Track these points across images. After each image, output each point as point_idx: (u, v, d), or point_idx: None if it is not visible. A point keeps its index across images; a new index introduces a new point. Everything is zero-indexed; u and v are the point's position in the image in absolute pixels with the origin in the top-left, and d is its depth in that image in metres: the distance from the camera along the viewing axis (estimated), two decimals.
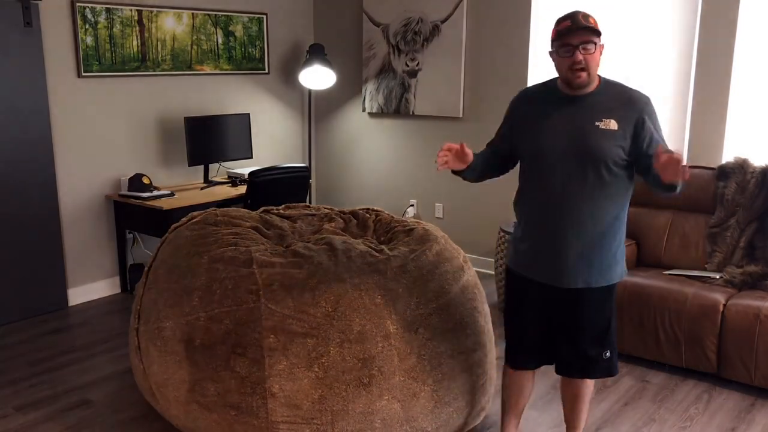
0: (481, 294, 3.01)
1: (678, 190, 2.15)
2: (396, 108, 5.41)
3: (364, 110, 5.63)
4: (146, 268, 3.04)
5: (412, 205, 5.54)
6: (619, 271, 2.39)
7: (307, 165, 5.24)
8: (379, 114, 5.59)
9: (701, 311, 3.34)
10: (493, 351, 2.97)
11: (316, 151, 6.10)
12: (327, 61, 5.41)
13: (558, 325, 2.46)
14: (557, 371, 2.53)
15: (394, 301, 2.63)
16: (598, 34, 2.21)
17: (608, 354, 2.45)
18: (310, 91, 5.74)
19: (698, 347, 3.37)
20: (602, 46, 2.27)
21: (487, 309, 3.00)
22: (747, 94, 3.96)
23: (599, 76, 2.32)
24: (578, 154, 2.26)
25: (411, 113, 5.34)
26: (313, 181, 6.10)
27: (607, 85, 2.33)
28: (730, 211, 3.72)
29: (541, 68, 4.71)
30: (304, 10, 5.82)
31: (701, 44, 4.02)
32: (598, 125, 2.25)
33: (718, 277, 3.59)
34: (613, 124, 2.24)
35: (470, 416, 2.85)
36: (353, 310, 2.57)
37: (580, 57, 2.20)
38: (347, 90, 5.77)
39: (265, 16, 5.46)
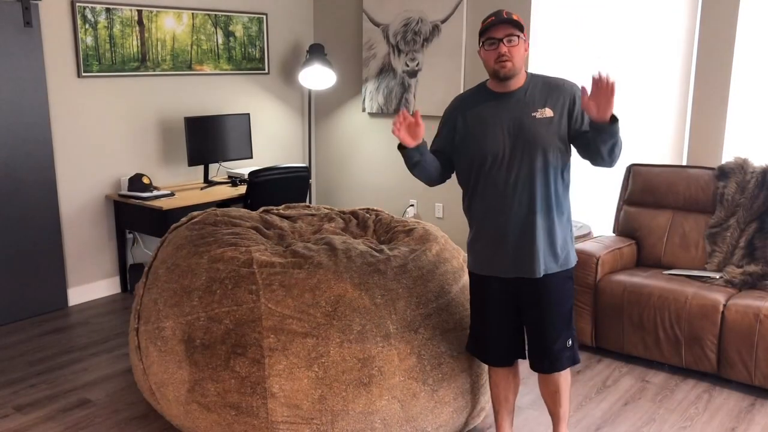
0: None
1: (615, 132, 2.23)
2: (396, 108, 5.41)
3: (364, 110, 5.63)
4: (146, 268, 3.04)
5: (412, 205, 5.54)
6: (573, 253, 2.50)
7: (307, 165, 5.23)
8: (379, 114, 5.59)
9: (701, 311, 3.34)
10: None
11: (316, 151, 6.10)
12: (327, 61, 5.41)
13: (523, 318, 2.54)
14: (531, 367, 2.57)
15: (394, 301, 2.63)
16: (520, 27, 2.34)
17: (570, 342, 2.52)
18: (310, 91, 5.74)
19: (698, 347, 3.37)
20: (527, 43, 2.39)
21: None
22: (747, 94, 3.96)
23: (526, 72, 2.45)
24: (522, 146, 2.37)
25: (411, 113, 5.33)
26: (313, 181, 6.10)
27: (535, 78, 2.45)
28: (730, 211, 3.72)
29: (541, 68, 4.71)
30: (304, 10, 5.82)
31: (701, 44, 4.02)
32: (535, 115, 2.37)
33: (718, 277, 3.59)
34: (548, 112, 2.38)
35: (470, 416, 2.85)
36: (353, 310, 2.57)
37: (505, 49, 2.33)
38: (347, 90, 5.77)
39: (265, 16, 5.46)
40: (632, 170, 4.12)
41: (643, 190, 4.05)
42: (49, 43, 4.21)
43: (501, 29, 2.33)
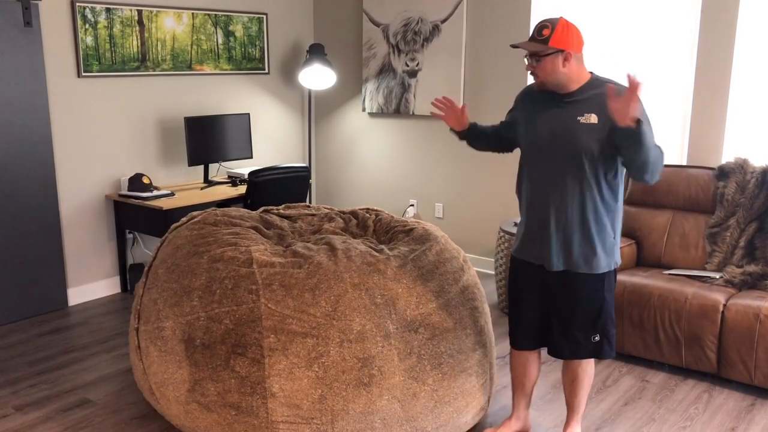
0: (481, 294, 3.01)
1: (639, 138, 2.22)
2: (396, 108, 5.41)
3: (364, 110, 5.63)
4: (146, 268, 3.04)
5: (412, 205, 5.54)
6: (605, 262, 2.51)
7: (307, 165, 5.23)
8: (379, 114, 5.59)
9: (701, 311, 3.34)
10: (493, 351, 2.97)
11: (316, 151, 6.10)
12: (327, 61, 5.41)
13: (551, 308, 2.63)
14: (549, 352, 2.67)
15: (394, 300, 2.63)
16: (544, 47, 2.38)
17: (597, 338, 2.58)
18: (310, 91, 5.74)
19: (698, 347, 3.37)
20: (565, 54, 2.39)
21: (487, 309, 3.00)
22: (747, 94, 3.96)
23: (591, 73, 2.49)
24: (562, 146, 2.44)
25: (411, 113, 5.34)
26: (313, 181, 6.10)
27: (594, 83, 2.46)
28: (730, 211, 3.72)
29: None
30: (304, 10, 5.82)
31: (701, 44, 4.02)
32: (579, 120, 2.42)
33: (718, 277, 3.59)
34: (593, 118, 2.40)
35: (470, 416, 2.85)
36: (353, 310, 2.57)
37: (530, 68, 2.45)
38: (347, 90, 5.77)
39: (265, 16, 5.46)
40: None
41: (643, 189, 4.05)
42: (49, 43, 4.21)
43: (528, 46, 2.42)
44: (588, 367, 2.67)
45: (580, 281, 2.53)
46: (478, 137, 2.77)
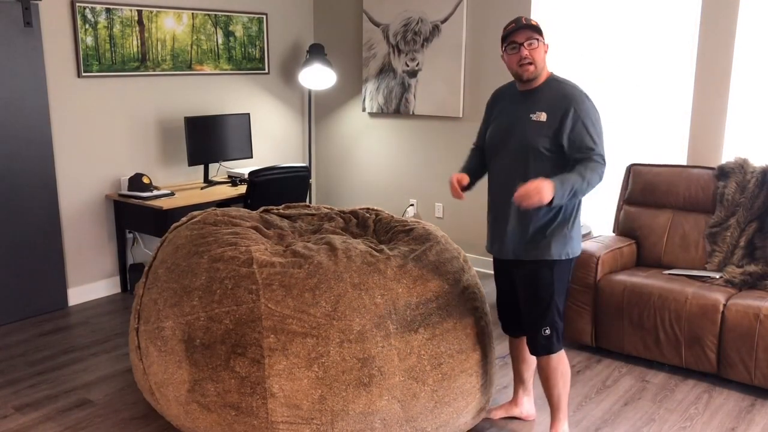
0: (481, 294, 3.01)
1: (554, 203, 2.41)
2: (396, 108, 5.41)
3: (364, 110, 5.63)
4: (146, 268, 3.04)
5: (412, 205, 5.54)
6: (555, 250, 2.59)
7: (307, 165, 5.23)
8: (379, 114, 5.59)
9: (701, 311, 3.34)
10: (493, 351, 2.97)
11: (316, 151, 6.10)
12: (327, 61, 5.41)
13: (517, 299, 2.78)
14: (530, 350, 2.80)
15: (394, 301, 2.63)
16: (539, 32, 2.52)
17: (547, 331, 2.66)
18: (310, 91, 5.74)
19: (698, 347, 3.37)
20: (546, 45, 2.55)
21: (487, 309, 3.00)
22: (747, 94, 3.96)
23: (551, 73, 2.60)
24: (514, 142, 2.59)
25: (411, 113, 5.34)
26: (313, 181, 6.10)
27: (552, 82, 2.59)
28: (730, 210, 3.72)
29: None
30: (304, 10, 5.82)
31: (701, 44, 4.02)
32: (531, 117, 2.55)
33: (718, 276, 3.59)
34: (543, 116, 2.53)
35: (470, 416, 2.85)
36: (353, 310, 2.57)
37: (526, 52, 2.51)
38: (347, 90, 5.77)
39: (265, 16, 5.46)
40: (632, 170, 4.13)
41: (643, 189, 4.05)
42: (49, 43, 4.21)
43: (522, 34, 2.51)
44: (556, 363, 2.71)
45: (530, 269, 2.63)
46: (476, 174, 2.84)
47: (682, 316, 3.39)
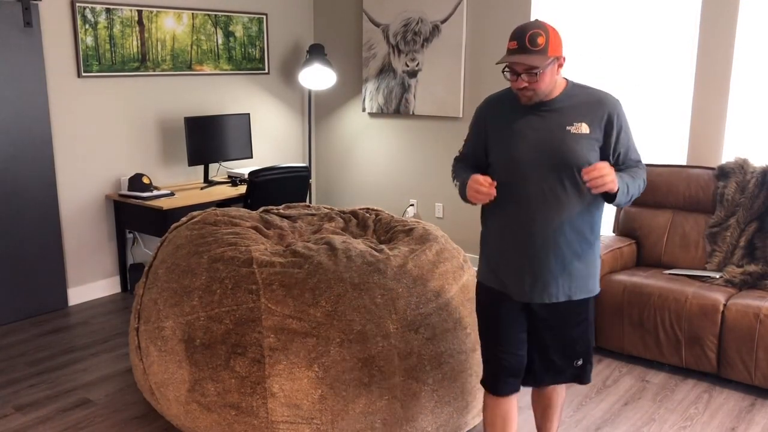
0: None
1: (615, 201, 2.17)
2: (396, 108, 5.41)
3: (364, 110, 5.63)
4: (146, 268, 3.04)
5: (412, 205, 5.54)
6: (596, 283, 2.31)
7: (307, 165, 5.23)
8: (379, 114, 5.59)
9: (701, 311, 3.34)
10: None
11: (316, 151, 6.10)
12: (327, 61, 5.41)
13: (534, 339, 2.34)
14: (523, 383, 2.39)
15: (394, 301, 2.63)
16: (543, 55, 2.08)
17: (579, 362, 2.37)
18: (310, 91, 5.74)
19: (698, 347, 3.37)
20: (560, 62, 2.16)
21: None
22: (747, 94, 3.96)
23: (566, 79, 2.24)
24: (552, 161, 2.16)
25: (411, 113, 5.34)
26: (313, 181, 6.10)
27: (573, 89, 2.23)
28: (730, 210, 3.72)
29: None
30: (304, 10, 5.82)
31: (701, 44, 4.02)
32: (570, 129, 2.16)
33: (718, 276, 3.59)
34: (584, 128, 2.17)
35: (470, 416, 2.85)
36: (353, 309, 2.57)
37: (524, 84, 2.12)
38: (347, 90, 5.77)
39: (265, 16, 5.46)
40: None
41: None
42: (49, 43, 4.21)
43: (521, 62, 2.09)
44: (563, 391, 2.53)
45: (572, 308, 2.28)
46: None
47: (682, 316, 3.39)
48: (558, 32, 2.15)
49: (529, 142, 2.19)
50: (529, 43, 2.07)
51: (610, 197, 2.18)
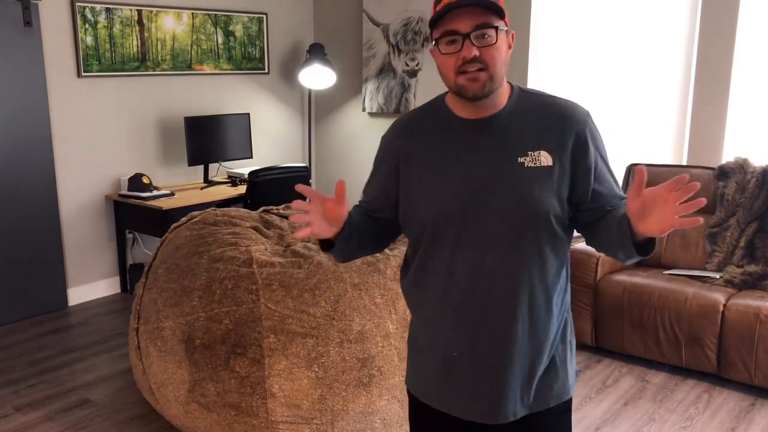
0: None
1: (645, 254, 1.38)
2: (396, 108, 5.41)
3: (364, 110, 5.63)
4: (146, 268, 3.04)
5: None
6: (572, 380, 1.60)
7: (307, 165, 5.23)
8: (379, 114, 5.59)
9: (701, 311, 3.34)
10: None
11: (316, 151, 6.10)
12: (327, 61, 5.41)
13: None
14: None
15: (394, 301, 2.63)
16: (499, 12, 1.38)
17: None
18: (310, 91, 5.74)
19: (698, 347, 3.37)
20: (512, 35, 1.45)
21: None
22: (747, 94, 3.96)
23: (509, 83, 1.51)
24: (502, 210, 1.43)
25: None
26: (313, 180, 6.10)
27: (523, 98, 1.49)
28: (730, 211, 3.72)
29: (541, 69, 4.71)
30: (304, 10, 5.82)
31: (701, 44, 4.02)
32: (523, 162, 1.43)
33: (718, 277, 3.59)
34: (545, 158, 1.43)
35: None
36: (353, 310, 2.57)
37: (474, 51, 1.37)
38: (347, 90, 5.77)
39: (265, 16, 5.46)
40: (632, 170, 4.12)
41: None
42: (49, 43, 4.21)
43: (467, 16, 1.37)
44: None
45: (547, 419, 1.56)
46: (354, 231, 1.56)
47: (682, 316, 3.39)
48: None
49: (464, 185, 1.45)
50: None
51: (645, 248, 1.37)
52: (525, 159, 1.43)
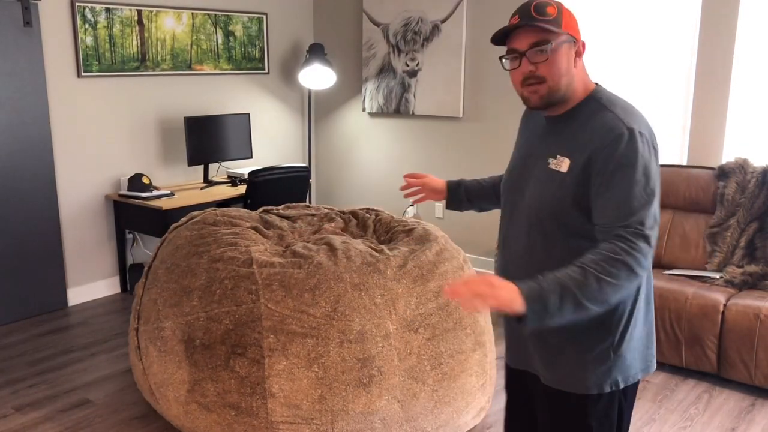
0: None
1: (526, 322, 1.43)
2: (396, 108, 5.41)
3: (364, 110, 5.63)
4: (146, 268, 3.04)
5: (412, 205, 5.54)
6: (595, 378, 1.65)
7: (307, 165, 5.23)
8: (379, 114, 5.58)
9: (701, 311, 3.33)
10: (493, 351, 2.97)
11: (316, 151, 6.10)
12: (327, 61, 5.41)
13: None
14: None
15: (394, 301, 2.63)
16: (555, 24, 1.51)
17: None
18: (310, 91, 5.74)
19: (698, 347, 3.37)
20: (582, 44, 1.58)
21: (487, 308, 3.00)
22: (747, 94, 3.96)
23: (596, 86, 1.64)
24: (525, 203, 1.65)
25: (411, 113, 5.33)
26: (313, 181, 6.10)
27: (587, 104, 1.59)
28: (730, 211, 3.72)
29: None
30: (304, 10, 5.82)
31: (701, 44, 4.02)
32: (549, 163, 1.59)
33: (718, 277, 3.59)
34: (564, 165, 1.55)
35: (470, 416, 2.85)
36: (353, 310, 2.57)
37: (528, 68, 1.53)
38: (347, 90, 5.77)
39: (265, 16, 5.46)
40: None
41: None
42: (49, 43, 4.21)
43: (523, 35, 1.53)
44: None
45: (555, 401, 1.68)
46: (474, 195, 1.95)
47: (682, 316, 3.39)
48: (574, 17, 1.59)
49: (513, 172, 1.72)
50: (535, 11, 1.52)
51: (518, 318, 1.45)
52: (552, 161, 1.59)
